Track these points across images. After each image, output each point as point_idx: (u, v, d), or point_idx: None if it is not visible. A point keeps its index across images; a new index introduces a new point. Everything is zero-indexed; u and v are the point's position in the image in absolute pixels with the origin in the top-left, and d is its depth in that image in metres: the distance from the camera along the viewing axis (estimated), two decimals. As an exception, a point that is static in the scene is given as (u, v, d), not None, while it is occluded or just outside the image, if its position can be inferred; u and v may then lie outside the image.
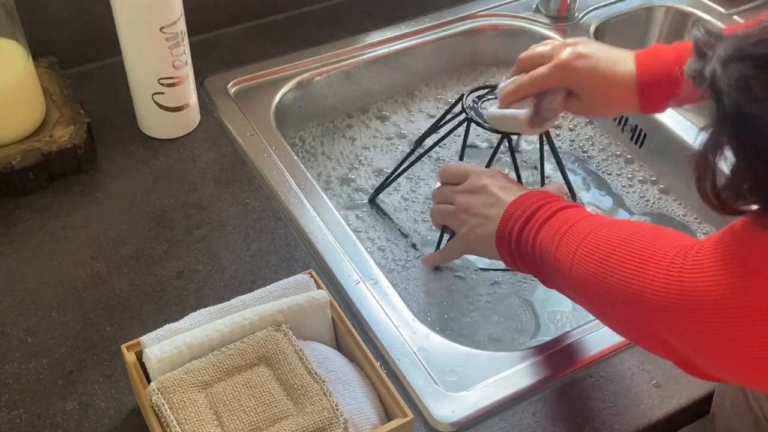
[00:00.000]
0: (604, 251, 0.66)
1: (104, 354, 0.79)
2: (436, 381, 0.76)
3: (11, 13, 0.92)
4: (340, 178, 1.08)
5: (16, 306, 0.83)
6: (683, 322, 0.57)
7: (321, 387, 0.67)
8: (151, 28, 0.92)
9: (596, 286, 0.66)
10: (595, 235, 0.68)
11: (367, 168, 1.09)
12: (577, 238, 0.70)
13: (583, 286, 0.68)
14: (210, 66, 1.12)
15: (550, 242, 0.73)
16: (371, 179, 1.08)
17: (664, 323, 0.59)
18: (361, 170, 1.09)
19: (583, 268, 0.68)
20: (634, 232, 0.66)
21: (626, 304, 0.63)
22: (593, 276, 0.66)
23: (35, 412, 0.74)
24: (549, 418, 0.75)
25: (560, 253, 0.71)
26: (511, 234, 0.77)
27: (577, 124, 1.17)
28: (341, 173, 1.09)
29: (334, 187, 1.07)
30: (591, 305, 0.70)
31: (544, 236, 0.73)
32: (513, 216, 0.77)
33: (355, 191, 1.07)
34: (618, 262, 0.64)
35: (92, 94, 1.06)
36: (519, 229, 0.76)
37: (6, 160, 0.91)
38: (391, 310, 0.83)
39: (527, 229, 0.76)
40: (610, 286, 0.64)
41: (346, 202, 1.05)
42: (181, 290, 0.85)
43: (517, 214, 0.77)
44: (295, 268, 0.87)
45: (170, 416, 0.65)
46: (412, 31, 1.20)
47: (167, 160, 1.00)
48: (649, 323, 0.61)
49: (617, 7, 1.26)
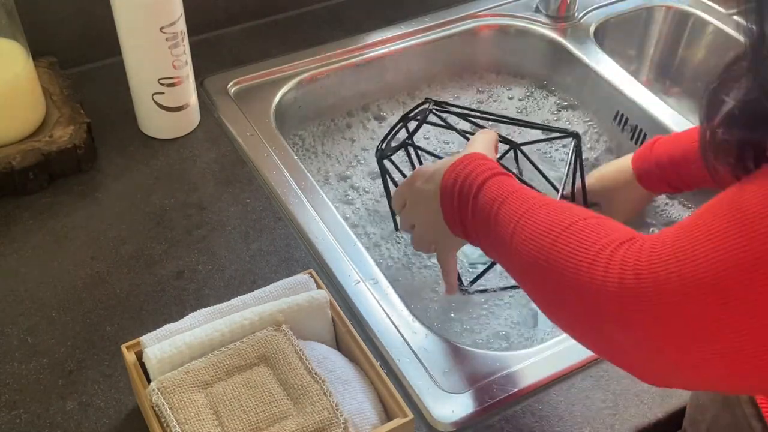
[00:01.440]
0: (547, 238, 0.62)
1: (104, 354, 0.79)
2: (436, 381, 0.76)
3: (11, 13, 0.92)
4: (337, 175, 1.08)
5: (16, 306, 0.83)
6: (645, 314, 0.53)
7: (321, 387, 0.67)
8: (151, 28, 0.92)
9: (541, 271, 0.62)
10: (535, 215, 0.65)
11: (365, 168, 1.10)
12: (517, 211, 0.66)
13: (525, 268, 0.65)
14: (210, 66, 1.12)
15: (491, 203, 0.69)
16: (366, 180, 1.08)
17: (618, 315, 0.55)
18: (358, 169, 1.09)
19: (525, 250, 0.64)
20: (576, 219, 0.62)
21: (574, 296, 0.59)
22: (535, 261, 0.62)
23: (35, 412, 0.74)
24: (549, 418, 0.75)
25: (501, 217, 0.68)
26: (453, 189, 0.74)
27: (577, 123, 1.17)
28: (339, 170, 1.09)
29: (332, 182, 1.07)
30: (534, 291, 0.66)
31: (486, 193, 0.71)
32: (454, 171, 0.75)
33: (351, 188, 1.07)
34: (562, 252, 0.60)
35: (92, 94, 1.06)
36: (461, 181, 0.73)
37: (6, 160, 0.91)
38: (391, 310, 0.83)
39: (468, 181, 0.73)
40: (554, 274, 0.60)
41: (341, 197, 1.06)
42: (181, 290, 0.85)
43: (458, 169, 0.74)
44: (295, 268, 0.87)
45: (170, 416, 0.65)
46: (411, 31, 1.20)
47: (167, 160, 1.00)
48: (600, 320, 0.57)
49: (617, 7, 1.26)
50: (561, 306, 0.62)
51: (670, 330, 0.52)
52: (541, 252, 0.61)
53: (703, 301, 0.49)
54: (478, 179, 0.72)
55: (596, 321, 0.57)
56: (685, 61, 1.27)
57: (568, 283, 0.58)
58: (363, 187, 1.07)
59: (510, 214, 0.67)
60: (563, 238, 0.60)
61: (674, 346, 0.52)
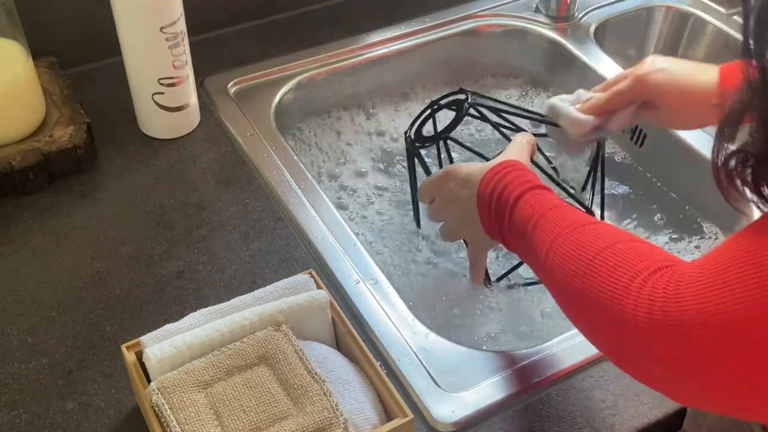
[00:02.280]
0: (581, 265, 0.62)
1: (104, 354, 0.79)
2: (436, 381, 0.76)
3: (11, 13, 0.92)
4: (328, 172, 1.09)
5: (16, 306, 0.83)
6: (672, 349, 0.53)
7: (321, 387, 0.67)
8: (151, 28, 0.92)
9: (574, 296, 0.63)
10: (569, 237, 0.65)
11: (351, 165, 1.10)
12: (552, 232, 0.67)
13: (560, 291, 0.65)
14: (210, 66, 1.12)
15: (527, 219, 0.70)
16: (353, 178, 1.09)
17: (647, 348, 0.55)
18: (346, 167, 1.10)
19: (559, 274, 0.64)
20: (608, 244, 0.62)
21: (606, 325, 0.59)
22: (569, 287, 0.63)
23: (35, 412, 0.74)
24: (549, 418, 0.75)
25: (536, 236, 0.68)
26: (491, 199, 0.74)
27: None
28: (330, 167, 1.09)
29: (324, 180, 1.08)
30: (569, 314, 0.67)
31: (522, 208, 0.71)
32: (492, 180, 0.75)
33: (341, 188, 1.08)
34: (595, 281, 0.60)
35: (92, 94, 1.06)
36: (498, 192, 0.74)
37: (6, 160, 0.91)
38: (391, 310, 0.83)
39: (506, 193, 0.73)
40: (587, 302, 0.61)
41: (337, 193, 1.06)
42: (181, 290, 0.85)
43: (496, 180, 0.75)
44: (295, 268, 0.87)
45: (170, 416, 0.65)
46: (411, 31, 1.20)
47: (167, 160, 1.00)
48: (630, 351, 0.58)
49: (617, 7, 1.26)
50: (595, 332, 0.62)
51: (697, 365, 0.53)
52: (574, 278, 0.62)
53: (727, 340, 0.50)
54: (514, 192, 0.72)
55: (627, 351, 0.58)
56: (685, 61, 1.27)
57: (600, 312, 0.59)
58: (353, 185, 1.07)
59: (545, 235, 0.67)
60: (596, 266, 0.61)
61: (701, 382, 0.53)
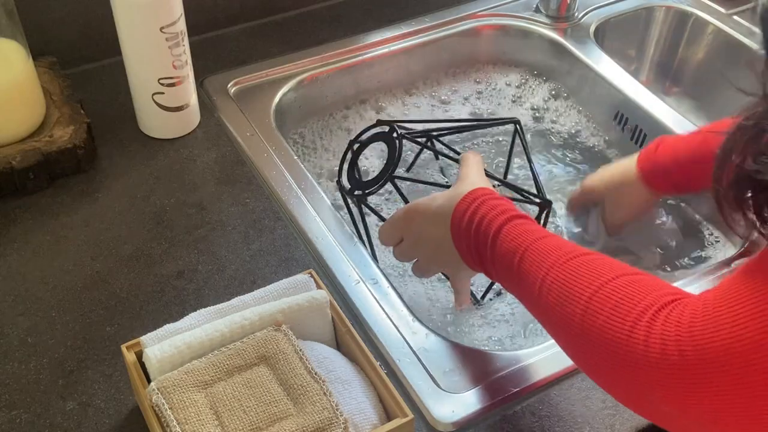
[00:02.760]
0: (579, 304, 0.59)
1: (104, 354, 0.79)
2: (436, 381, 0.76)
3: (11, 13, 0.92)
4: (330, 172, 1.09)
5: (16, 306, 0.83)
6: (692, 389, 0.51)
7: (321, 387, 0.67)
8: (151, 28, 0.92)
9: (572, 335, 0.60)
10: (562, 271, 0.62)
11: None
12: (542, 266, 0.64)
13: (557, 329, 0.63)
14: (210, 66, 1.12)
15: (512, 253, 0.67)
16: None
17: (662, 392, 0.53)
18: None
19: (556, 313, 0.61)
20: (607, 279, 0.59)
21: (612, 365, 0.57)
22: (567, 326, 0.60)
23: (35, 412, 0.74)
24: (549, 418, 0.75)
25: (524, 271, 0.65)
26: (468, 235, 0.72)
27: (576, 123, 1.17)
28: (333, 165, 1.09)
29: (324, 181, 1.08)
30: (568, 351, 0.64)
31: (504, 242, 0.68)
32: (465, 214, 0.73)
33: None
34: (597, 320, 0.57)
35: (92, 94, 1.06)
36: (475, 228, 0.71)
37: (6, 160, 0.91)
38: (391, 310, 0.83)
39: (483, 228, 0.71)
40: (589, 343, 0.58)
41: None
42: (181, 290, 0.85)
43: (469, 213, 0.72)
44: (295, 268, 0.87)
45: (170, 416, 0.65)
46: (412, 31, 1.20)
47: (167, 160, 1.00)
48: (642, 390, 0.55)
49: (617, 7, 1.26)
50: (597, 371, 0.60)
51: (717, 409, 0.51)
52: (573, 318, 0.59)
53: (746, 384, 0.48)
54: (493, 225, 0.70)
55: (637, 392, 0.56)
56: (685, 61, 1.28)
57: (604, 351, 0.56)
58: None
59: (534, 269, 0.64)
60: (596, 303, 0.58)
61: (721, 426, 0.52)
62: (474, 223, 0.72)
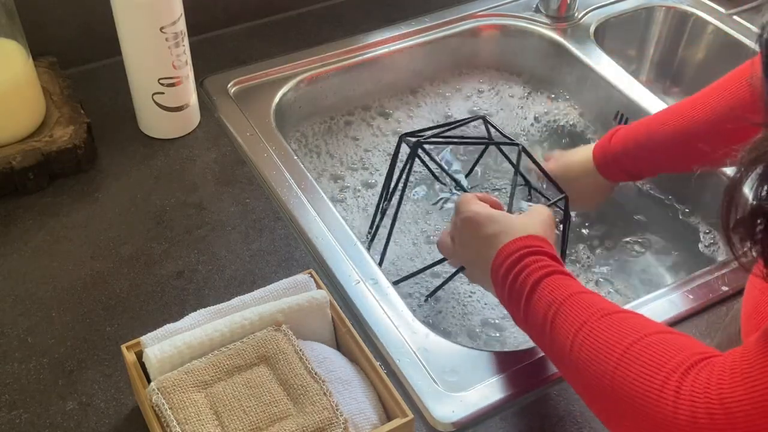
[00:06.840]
0: (610, 361, 0.60)
1: (104, 354, 0.79)
2: (436, 381, 0.76)
3: (11, 13, 0.92)
4: (331, 171, 1.09)
5: (16, 306, 0.83)
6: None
7: (321, 387, 0.67)
8: (151, 28, 0.92)
9: (602, 392, 0.61)
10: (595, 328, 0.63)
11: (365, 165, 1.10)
12: (575, 322, 0.64)
13: (586, 386, 0.64)
14: (210, 66, 1.12)
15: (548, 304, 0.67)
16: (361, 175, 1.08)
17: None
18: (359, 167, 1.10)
19: (586, 369, 0.62)
20: (638, 337, 0.60)
21: (640, 423, 0.57)
22: (598, 382, 0.61)
23: (35, 412, 0.74)
24: (549, 418, 0.75)
25: (558, 325, 0.66)
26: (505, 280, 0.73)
27: (575, 123, 1.17)
28: (338, 170, 1.09)
29: (324, 181, 1.08)
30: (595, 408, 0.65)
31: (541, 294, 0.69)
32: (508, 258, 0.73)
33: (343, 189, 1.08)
34: (627, 377, 0.58)
35: (92, 94, 1.06)
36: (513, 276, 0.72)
37: (6, 160, 0.91)
38: (391, 310, 0.83)
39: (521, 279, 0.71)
40: (618, 401, 0.59)
41: (336, 194, 1.06)
42: (181, 290, 0.85)
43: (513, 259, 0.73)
44: (295, 268, 0.87)
45: (170, 416, 0.65)
46: (412, 31, 1.20)
47: (167, 160, 1.00)
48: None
49: (617, 7, 1.26)
50: (624, 428, 0.60)
51: None
52: (604, 375, 0.60)
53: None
54: (531, 278, 0.70)
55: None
56: (685, 61, 1.28)
57: (633, 410, 0.57)
58: (355, 186, 1.07)
59: (567, 325, 0.65)
60: (626, 361, 0.58)
61: None
62: (513, 271, 0.72)
